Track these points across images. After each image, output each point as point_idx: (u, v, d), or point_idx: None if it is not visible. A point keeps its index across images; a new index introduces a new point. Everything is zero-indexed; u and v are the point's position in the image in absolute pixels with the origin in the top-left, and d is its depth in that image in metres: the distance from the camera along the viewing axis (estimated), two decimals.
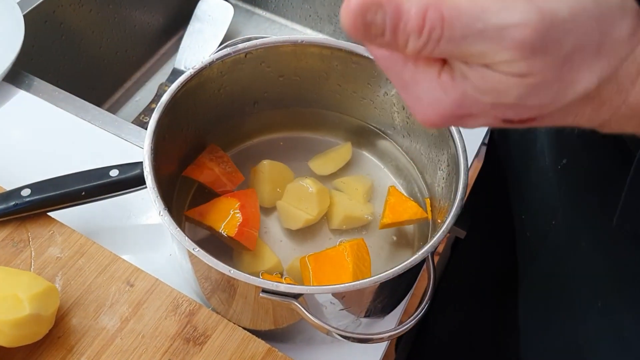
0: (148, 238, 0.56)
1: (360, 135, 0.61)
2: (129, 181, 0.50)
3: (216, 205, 0.52)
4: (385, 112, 0.58)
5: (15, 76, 0.66)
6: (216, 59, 0.51)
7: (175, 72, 0.86)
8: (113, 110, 0.86)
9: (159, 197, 0.43)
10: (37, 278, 0.45)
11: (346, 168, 0.60)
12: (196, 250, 0.41)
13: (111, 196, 0.51)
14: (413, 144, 0.57)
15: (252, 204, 0.52)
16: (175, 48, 0.91)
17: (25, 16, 0.67)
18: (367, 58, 0.53)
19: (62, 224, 0.51)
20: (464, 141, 0.48)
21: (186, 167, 0.55)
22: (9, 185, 0.51)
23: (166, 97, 0.48)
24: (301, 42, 0.53)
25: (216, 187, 0.55)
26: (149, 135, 0.46)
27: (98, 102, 0.80)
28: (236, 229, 0.50)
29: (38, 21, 0.72)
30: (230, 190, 0.55)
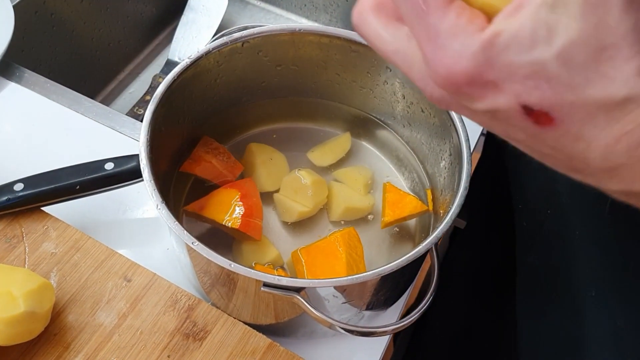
0: (145, 232, 0.55)
1: (359, 125, 0.60)
2: (125, 174, 0.49)
3: (216, 197, 0.51)
4: (385, 102, 0.57)
5: (5, 68, 0.65)
6: (212, 49, 0.50)
7: (169, 63, 0.84)
8: (106, 102, 0.85)
9: (156, 190, 0.42)
10: (32, 274, 0.44)
11: (346, 159, 0.59)
12: (195, 244, 0.40)
13: (106, 190, 0.50)
14: (414, 134, 0.57)
15: (253, 193, 0.51)
16: (169, 39, 0.89)
17: (15, 7, 0.66)
18: (367, 46, 0.52)
19: (57, 219, 0.50)
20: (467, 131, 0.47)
21: (181, 163, 0.54)
22: (1, 179, 0.50)
23: (162, 88, 0.47)
24: (299, 31, 0.52)
25: (216, 180, 0.54)
26: (145, 126, 0.45)
27: (91, 94, 0.79)
28: (240, 220, 0.49)
29: (28, 12, 0.70)
30: (231, 180, 0.54)
